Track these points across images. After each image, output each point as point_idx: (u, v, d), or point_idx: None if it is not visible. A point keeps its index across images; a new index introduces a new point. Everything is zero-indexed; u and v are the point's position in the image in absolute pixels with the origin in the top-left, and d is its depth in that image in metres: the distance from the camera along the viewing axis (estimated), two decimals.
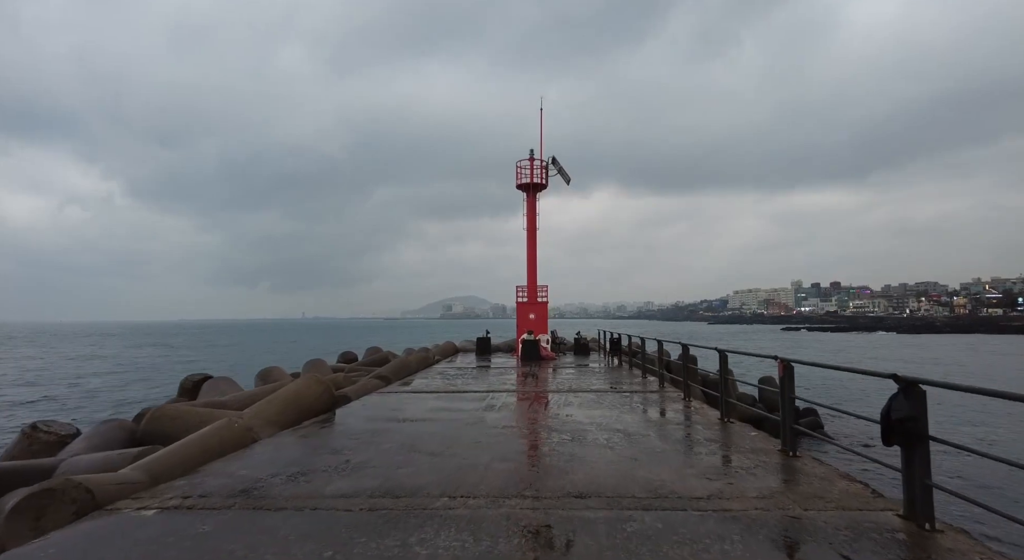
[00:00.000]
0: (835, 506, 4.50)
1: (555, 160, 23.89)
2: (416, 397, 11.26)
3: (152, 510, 4.56)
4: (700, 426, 8.02)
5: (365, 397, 11.35)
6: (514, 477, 5.45)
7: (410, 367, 15.97)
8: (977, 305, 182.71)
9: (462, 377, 14.79)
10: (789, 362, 6.29)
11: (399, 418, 8.87)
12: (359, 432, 7.83)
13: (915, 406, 3.96)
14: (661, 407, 9.90)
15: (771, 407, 17.37)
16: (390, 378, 14.14)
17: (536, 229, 23.68)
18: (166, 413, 8.84)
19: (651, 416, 9.00)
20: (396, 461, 6.14)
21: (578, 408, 9.63)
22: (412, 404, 10.33)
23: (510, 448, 6.70)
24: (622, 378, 14.29)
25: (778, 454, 6.27)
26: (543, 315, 23.17)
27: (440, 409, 9.70)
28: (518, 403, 10.36)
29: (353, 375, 15.93)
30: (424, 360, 18.55)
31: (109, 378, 35.26)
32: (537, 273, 23.61)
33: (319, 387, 9.76)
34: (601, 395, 11.19)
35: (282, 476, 5.58)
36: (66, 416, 18.18)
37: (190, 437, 7.11)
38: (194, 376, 12.78)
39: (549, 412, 9.33)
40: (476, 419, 8.69)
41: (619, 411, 9.30)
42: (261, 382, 14.25)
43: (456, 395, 11.41)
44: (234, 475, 5.64)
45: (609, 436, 7.31)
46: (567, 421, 8.43)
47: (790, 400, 6.26)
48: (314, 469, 5.84)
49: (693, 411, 9.38)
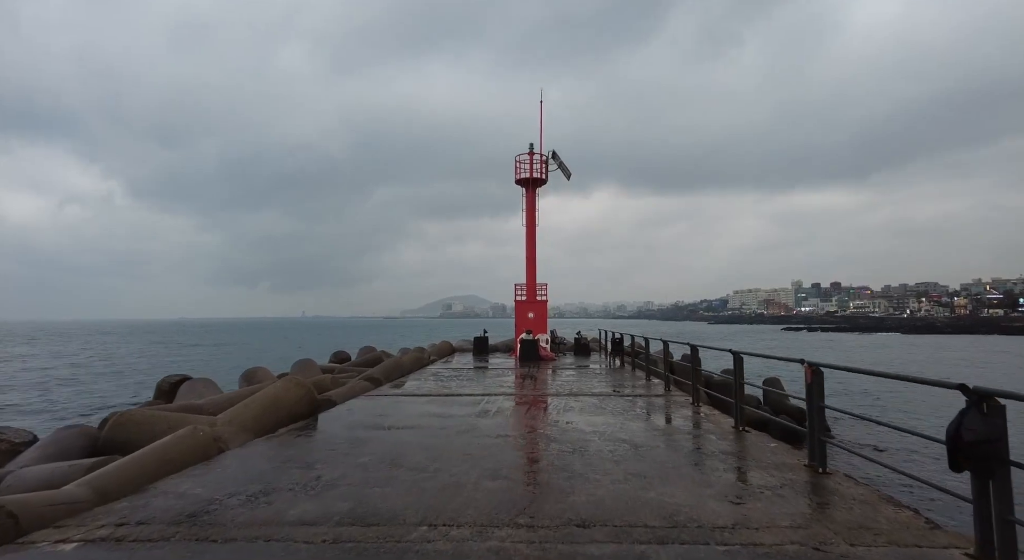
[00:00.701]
0: (886, 540, 3.79)
1: (555, 154, 23.17)
2: (406, 401, 10.54)
3: (73, 544, 3.84)
4: (713, 435, 7.31)
5: (351, 401, 10.64)
6: (506, 499, 4.74)
7: (403, 368, 15.25)
8: (978, 306, 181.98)
9: (457, 379, 14.08)
10: (818, 367, 5.57)
11: (384, 425, 8.14)
12: (338, 441, 7.12)
13: (993, 425, 3.24)
14: (668, 413, 9.18)
15: (777, 410, 16.73)
16: (381, 380, 13.43)
17: (535, 226, 22.96)
18: (131, 418, 8.12)
19: (659, 423, 8.28)
20: (373, 478, 5.42)
21: (579, 414, 8.91)
22: (401, 408, 9.62)
23: (503, 462, 5.98)
24: (625, 381, 13.58)
25: (805, 470, 5.55)
26: (542, 314, 22.45)
27: (430, 415, 8.98)
28: (514, 408, 9.64)
29: (343, 376, 15.21)
30: (418, 360, 17.84)
31: (94, 377, 34.53)
32: (536, 271, 22.90)
33: (299, 390, 9.04)
34: (604, 399, 10.48)
35: (241, 496, 4.86)
36: (38, 419, 17.41)
37: (148, 448, 6.40)
38: (171, 377, 12.04)
39: (548, 419, 8.61)
40: (468, 426, 7.96)
41: (623, 418, 8.58)
42: (245, 383, 13.53)
43: (448, 399, 10.69)
44: (186, 495, 4.92)
45: (614, 447, 6.59)
46: (567, 429, 7.72)
47: (819, 409, 5.54)
48: (279, 487, 5.13)
49: (703, 417, 8.66)
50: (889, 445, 14.23)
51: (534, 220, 22.92)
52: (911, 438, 4.67)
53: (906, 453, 13.26)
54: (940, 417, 17.37)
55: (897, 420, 16.90)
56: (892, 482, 9.64)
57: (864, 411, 18.95)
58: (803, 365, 5.69)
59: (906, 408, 20.21)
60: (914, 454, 12.85)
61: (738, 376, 7.66)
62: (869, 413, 18.23)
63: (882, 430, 14.51)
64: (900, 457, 13.17)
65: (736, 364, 7.64)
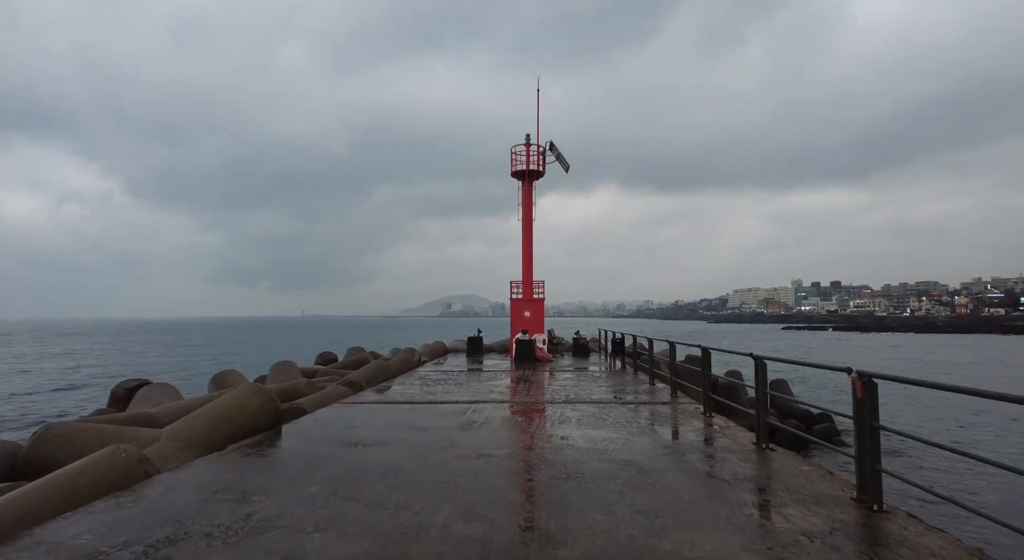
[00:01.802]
0: None
1: (553, 146, 22.07)
2: (383, 409, 9.46)
3: None
4: (733, 455, 6.22)
5: (322, 409, 9.56)
6: (479, 551, 3.66)
7: (388, 371, 14.16)
8: (979, 305, 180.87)
9: (445, 383, 12.99)
10: (870, 378, 4.49)
11: (351, 440, 7.06)
12: (292, 462, 6.04)
13: None
14: (677, 425, 8.08)
15: (784, 415, 15.53)
16: (362, 385, 12.35)
17: (532, 220, 21.86)
18: (58, 434, 7.04)
19: (667, 439, 7.18)
20: (318, 515, 4.34)
21: (576, 427, 7.83)
22: (375, 419, 8.54)
23: (481, 494, 4.89)
24: (627, 385, 12.50)
25: (855, 507, 4.47)
26: (539, 313, 21.36)
27: (406, 427, 7.89)
28: (503, 419, 8.55)
29: (323, 380, 14.14)
30: (407, 362, 16.74)
31: (52, 381, 33.46)
32: (533, 268, 21.81)
33: (259, 399, 7.96)
34: (604, 407, 9.39)
35: (137, 547, 3.78)
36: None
37: (55, 474, 5.32)
38: (128, 382, 10.94)
39: (540, 432, 7.52)
40: (447, 443, 6.88)
41: (627, 431, 7.49)
42: (215, 388, 12.46)
43: (431, 407, 9.61)
44: (66, 546, 3.82)
45: (617, 472, 5.50)
46: (562, 447, 6.62)
47: (872, 429, 4.46)
48: (193, 531, 4.04)
49: (717, 431, 7.57)
50: (950, 472, 11.96)
51: (531, 215, 21.84)
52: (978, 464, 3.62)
53: (962, 477, 11.43)
54: None
55: (967, 443, 14.97)
56: (967, 525, 7.94)
57: (917, 429, 16.96)
58: (851, 375, 4.61)
59: (970, 423, 18.13)
60: (981, 480, 11.22)
61: (760, 385, 6.57)
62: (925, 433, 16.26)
63: (938, 452, 12.26)
64: (965, 484, 11.06)
65: (758, 371, 6.55)
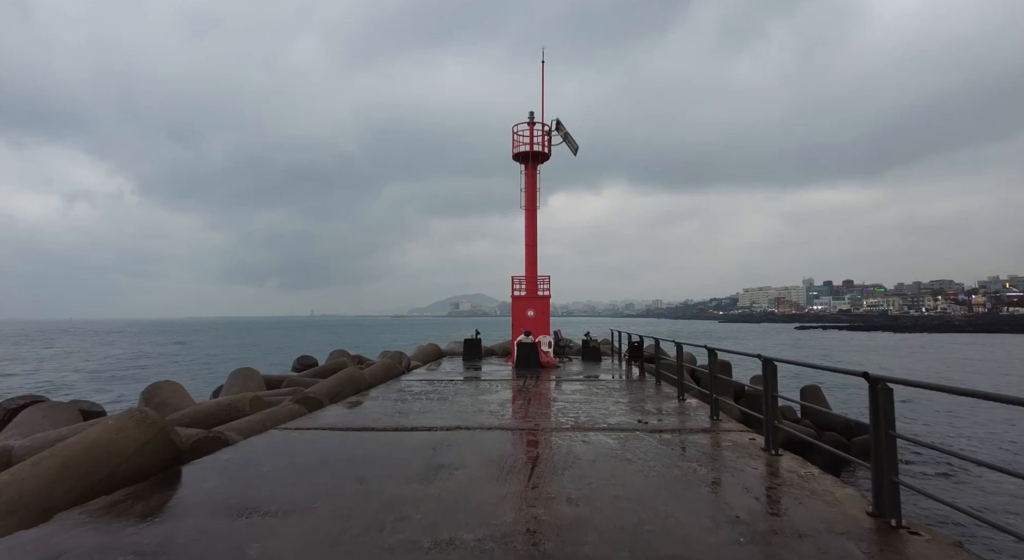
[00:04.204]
0: None
1: (560, 124, 19.65)
2: (330, 440, 7.09)
3: None
4: (849, 542, 3.80)
5: (255, 438, 7.22)
6: None
7: (358, 383, 11.79)
8: (997, 303, 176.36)
9: (427, 397, 10.61)
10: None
11: (249, 503, 4.68)
12: (136, 549, 3.69)
13: None
14: (738, 473, 5.61)
15: (821, 428, 13.21)
16: (322, 401, 10.01)
17: (536, 208, 19.45)
18: None
19: (732, 503, 4.74)
20: None
21: (589, 481, 5.40)
22: (311, 457, 6.18)
23: None
24: (648, 399, 10.07)
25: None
26: (544, 311, 18.89)
27: (348, 474, 5.51)
28: (486, 461, 6.13)
29: (282, 392, 11.82)
30: (389, 369, 14.40)
31: None
32: (537, 261, 19.41)
33: (142, 433, 5.63)
34: (626, 439, 6.98)
35: None
36: None
37: None
38: (16, 399, 8.64)
39: (536, 492, 5.10)
40: (391, 511, 4.49)
41: (666, 487, 5.05)
42: (143, 402, 10.18)
43: (396, 436, 7.24)
44: None
45: None
46: (566, 526, 4.20)
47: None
48: None
49: (799, 483, 5.12)
50: (974, 482, 10.69)
51: (534, 201, 19.42)
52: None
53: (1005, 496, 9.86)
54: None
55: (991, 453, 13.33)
56: (995, 542, 7.06)
57: (939, 438, 15.34)
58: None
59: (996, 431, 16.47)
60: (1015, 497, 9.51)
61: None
62: (946, 441, 14.63)
63: (957, 461, 11.36)
64: (993, 501, 9.70)
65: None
